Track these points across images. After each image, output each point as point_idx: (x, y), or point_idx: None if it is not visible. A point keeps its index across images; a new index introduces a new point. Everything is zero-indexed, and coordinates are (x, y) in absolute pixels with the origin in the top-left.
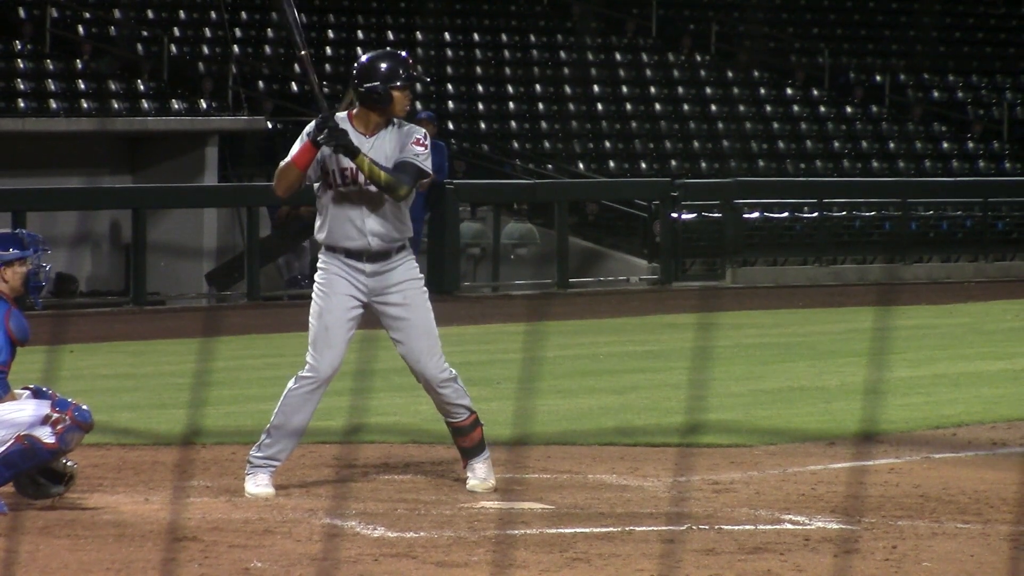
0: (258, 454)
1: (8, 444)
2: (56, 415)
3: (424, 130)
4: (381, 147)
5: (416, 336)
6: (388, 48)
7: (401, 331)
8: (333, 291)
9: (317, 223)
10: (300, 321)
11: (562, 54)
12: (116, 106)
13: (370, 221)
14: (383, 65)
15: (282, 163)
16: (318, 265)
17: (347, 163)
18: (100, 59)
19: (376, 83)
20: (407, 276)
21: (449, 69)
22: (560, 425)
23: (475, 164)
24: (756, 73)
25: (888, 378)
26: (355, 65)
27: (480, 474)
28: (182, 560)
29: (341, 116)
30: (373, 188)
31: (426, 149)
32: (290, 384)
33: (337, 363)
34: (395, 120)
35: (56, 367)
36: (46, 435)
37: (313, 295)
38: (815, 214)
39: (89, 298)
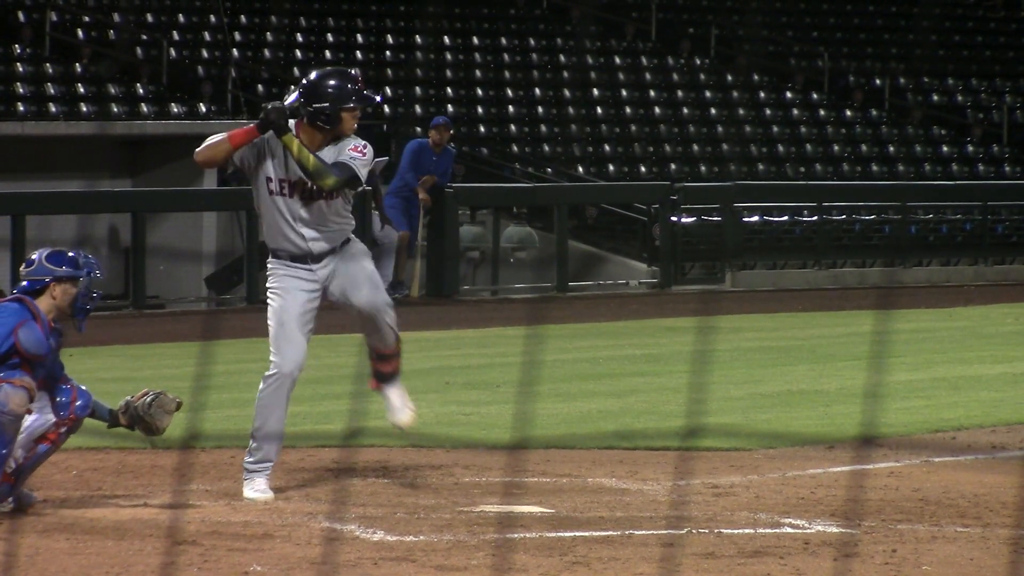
0: (250, 459)
1: None
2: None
3: (363, 141)
4: (321, 157)
5: (360, 283)
6: (339, 67)
7: (349, 289)
8: (285, 290)
9: (262, 227)
10: None
11: (561, 57)
12: (115, 110)
13: (307, 229)
14: (333, 84)
15: (217, 135)
16: (268, 266)
17: (282, 172)
18: (99, 63)
19: (325, 104)
20: (352, 252)
21: (448, 73)
22: (560, 429)
23: (474, 168)
24: (755, 76)
25: (888, 382)
26: (304, 82)
27: (396, 403)
28: (181, 564)
29: (290, 123)
30: (301, 200)
31: (363, 156)
32: (260, 386)
33: (300, 358)
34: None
35: None
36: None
37: (268, 298)
38: (814, 217)
39: None
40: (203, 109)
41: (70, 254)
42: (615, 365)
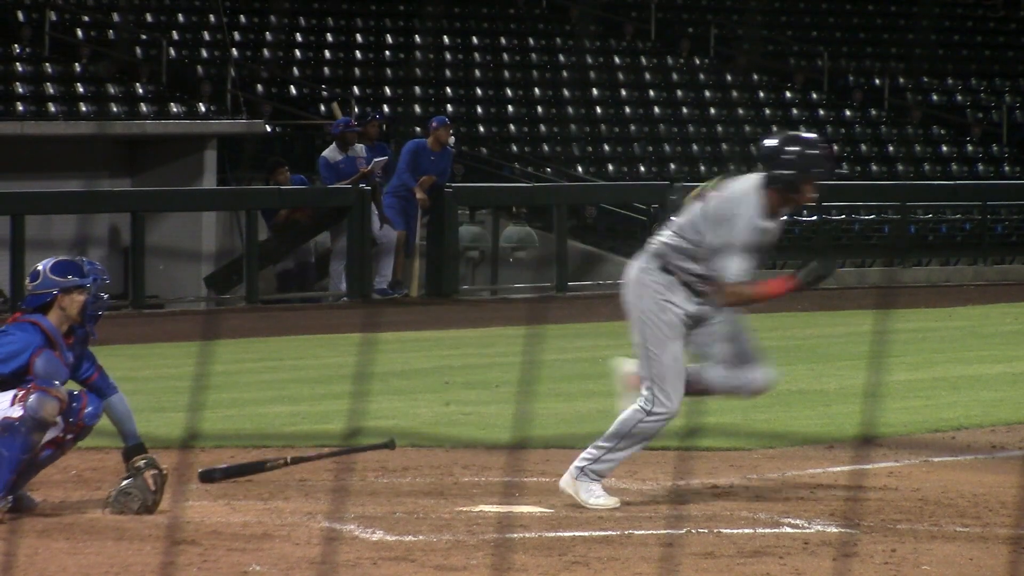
0: (597, 467)
1: None
2: (22, 391)
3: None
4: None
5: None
6: (804, 134)
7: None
8: (672, 327)
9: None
10: (300, 324)
11: (561, 57)
12: (115, 109)
13: None
14: (796, 152)
15: (752, 291)
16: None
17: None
18: (99, 62)
19: (788, 172)
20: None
21: (448, 72)
22: (559, 428)
23: (474, 167)
24: (755, 76)
25: (887, 381)
26: (770, 143)
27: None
28: (181, 564)
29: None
30: None
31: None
32: (642, 416)
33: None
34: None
35: None
36: (15, 411)
37: (657, 327)
38: (814, 217)
39: None
40: (202, 109)
41: (74, 262)
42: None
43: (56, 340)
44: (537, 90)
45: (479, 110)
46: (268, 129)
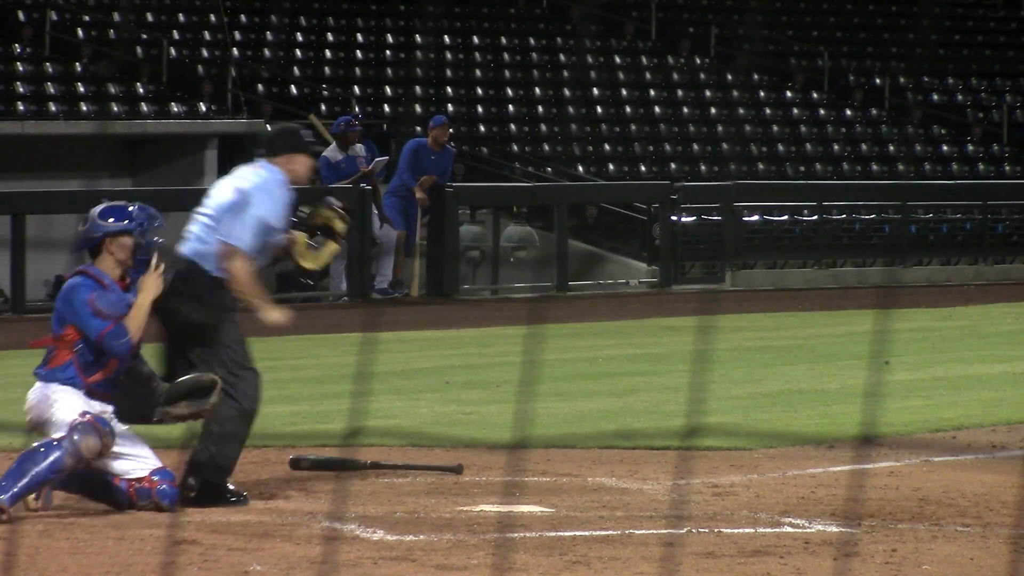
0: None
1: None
2: (80, 416)
3: None
4: None
5: None
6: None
7: None
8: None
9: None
10: (298, 324)
11: (561, 57)
12: (115, 109)
13: None
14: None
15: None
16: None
17: None
18: (99, 62)
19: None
20: None
21: (448, 72)
22: (560, 428)
23: (474, 167)
24: (755, 76)
25: (888, 381)
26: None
27: None
28: (182, 563)
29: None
30: None
31: None
32: None
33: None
34: None
35: None
36: (61, 432)
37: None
38: (814, 217)
39: None
40: (203, 108)
41: (122, 206)
42: (615, 364)
43: (107, 283)
44: (538, 90)
45: (480, 110)
46: (269, 128)
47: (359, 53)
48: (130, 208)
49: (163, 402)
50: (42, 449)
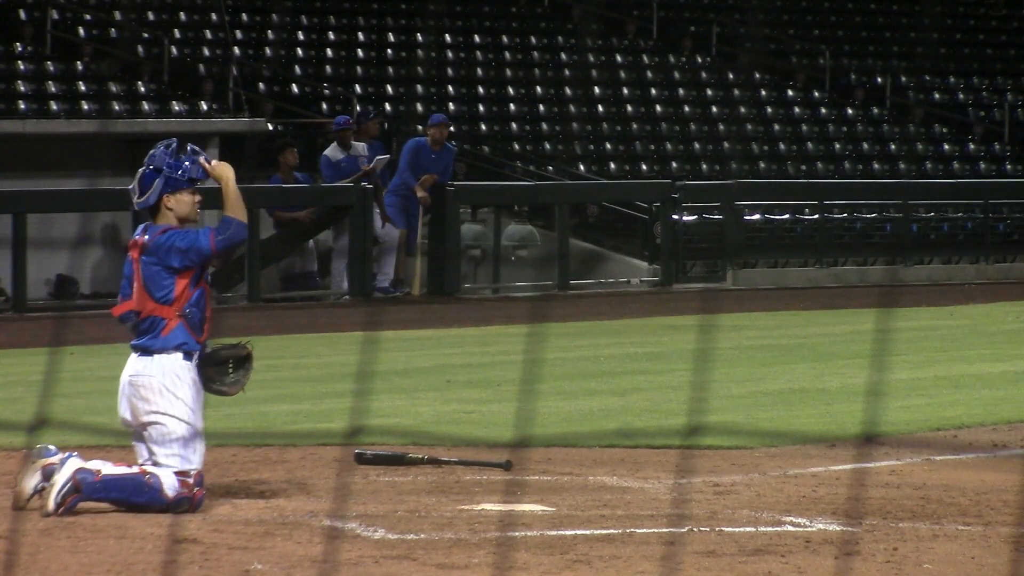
0: None
1: (130, 470)
2: (190, 478)
3: None
4: None
5: None
6: None
7: None
8: None
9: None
10: (300, 323)
11: (563, 56)
12: (116, 108)
13: None
14: None
15: None
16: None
17: None
18: (101, 61)
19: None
20: None
21: (450, 71)
22: (561, 427)
23: (476, 166)
24: (757, 75)
25: (889, 380)
26: None
27: None
28: (183, 562)
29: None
30: None
31: None
32: None
33: None
34: None
35: (57, 369)
36: (169, 486)
37: None
38: (816, 216)
39: (90, 300)
40: (204, 107)
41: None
42: (616, 363)
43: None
44: (539, 88)
45: (481, 108)
46: (270, 127)
47: (360, 51)
48: (166, 155)
49: (211, 373)
50: (147, 490)
